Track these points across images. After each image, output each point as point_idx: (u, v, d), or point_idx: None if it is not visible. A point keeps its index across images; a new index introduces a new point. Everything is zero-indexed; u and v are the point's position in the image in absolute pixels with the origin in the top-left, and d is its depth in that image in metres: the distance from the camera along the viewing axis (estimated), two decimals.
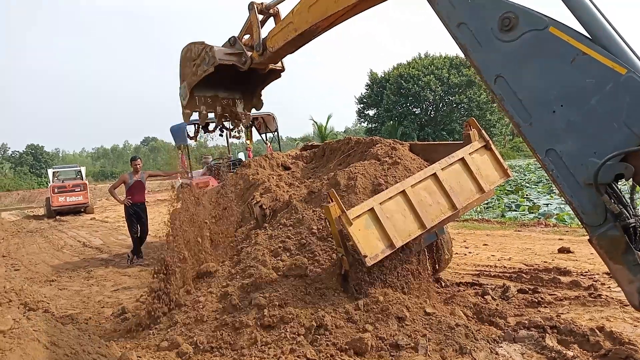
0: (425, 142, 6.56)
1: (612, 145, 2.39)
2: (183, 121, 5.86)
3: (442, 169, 4.99)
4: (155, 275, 5.29)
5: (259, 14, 4.98)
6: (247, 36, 5.09)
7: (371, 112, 55.18)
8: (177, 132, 10.99)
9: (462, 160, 5.15)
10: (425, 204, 4.77)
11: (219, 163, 11.92)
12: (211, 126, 11.95)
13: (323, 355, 3.85)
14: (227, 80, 5.57)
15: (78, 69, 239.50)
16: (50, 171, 25.59)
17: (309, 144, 8.91)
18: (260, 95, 6.01)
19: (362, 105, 55.28)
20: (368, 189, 5.30)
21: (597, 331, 4.12)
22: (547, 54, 2.62)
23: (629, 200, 2.54)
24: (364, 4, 3.78)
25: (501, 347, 4.05)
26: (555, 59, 2.59)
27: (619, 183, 2.58)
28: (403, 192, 4.66)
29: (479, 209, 14.58)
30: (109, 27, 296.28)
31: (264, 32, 4.90)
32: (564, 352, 3.87)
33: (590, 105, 2.47)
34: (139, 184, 10.08)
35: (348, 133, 75.53)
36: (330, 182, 5.60)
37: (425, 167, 5.28)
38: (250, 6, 5.00)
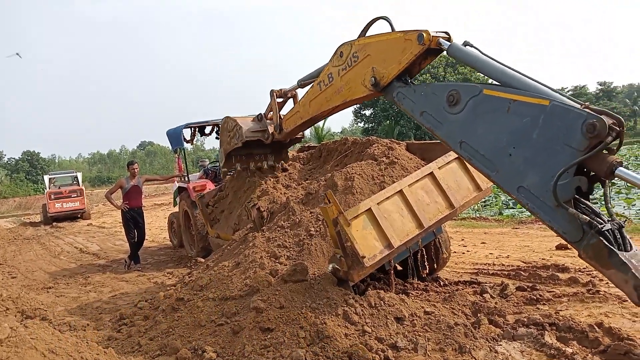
0: (422, 142, 6.57)
1: (562, 165, 2.70)
2: (220, 169, 7.56)
3: (439, 168, 5.00)
4: None
5: (278, 98, 6.12)
6: (271, 113, 6.29)
7: (368, 112, 55.15)
8: (173, 135, 10.96)
9: (459, 158, 5.15)
10: (423, 203, 4.77)
11: (216, 166, 11.88)
12: (207, 129, 11.99)
13: (322, 358, 3.83)
14: (257, 148, 6.89)
15: (73, 75, 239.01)
16: (46, 177, 25.48)
17: (306, 145, 8.91)
18: (287, 152, 7.43)
19: (358, 106, 55.25)
20: (365, 190, 5.30)
21: (595, 327, 4.12)
22: (488, 111, 3.14)
23: (606, 206, 2.80)
24: (350, 103, 4.62)
25: (500, 345, 4.04)
26: (496, 113, 3.10)
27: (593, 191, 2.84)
28: (400, 192, 4.65)
29: (476, 207, 14.62)
30: (104, 33, 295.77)
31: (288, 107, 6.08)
32: (563, 348, 3.87)
33: (534, 139, 2.88)
34: (136, 189, 10.04)
35: (345, 133, 75.59)
36: (327, 183, 5.59)
37: (422, 166, 5.28)
38: (271, 93, 6.14)
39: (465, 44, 3.38)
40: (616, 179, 2.68)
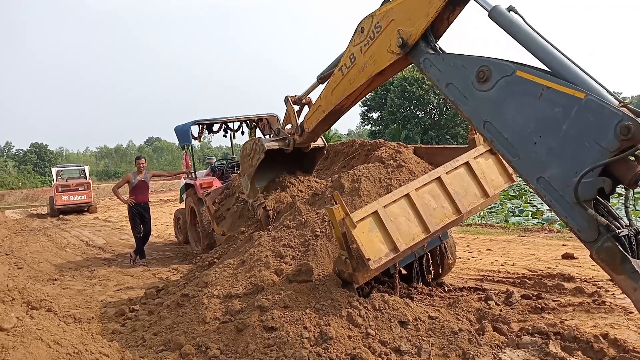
0: (430, 146, 6.57)
1: (589, 162, 2.61)
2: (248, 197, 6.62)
3: (446, 173, 4.98)
4: None
5: (293, 104, 5.98)
6: (288, 126, 6.10)
7: (375, 115, 55.14)
8: (182, 132, 11.00)
9: (467, 164, 5.14)
10: (430, 208, 4.76)
11: (223, 164, 11.92)
12: (215, 127, 12.02)
13: (325, 358, 3.83)
14: (282, 168, 6.56)
15: (82, 68, 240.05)
16: (54, 170, 25.61)
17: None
18: (313, 165, 6.84)
19: (365, 108, 55.20)
20: (372, 192, 5.30)
21: (601, 338, 4.10)
22: (519, 94, 2.99)
23: (626, 211, 2.69)
24: (374, 83, 4.45)
25: (504, 352, 4.03)
26: (526, 97, 2.95)
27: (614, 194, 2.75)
28: (407, 196, 4.64)
29: (482, 213, 14.57)
30: (112, 26, 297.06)
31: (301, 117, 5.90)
32: (568, 359, 3.86)
33: (563, 131, 2.76)
34: (142, 184, 10.10)
35: (351, 136, 75.58)
36: (334, 184, 5.60)
37: (430, 170, 5.28)
38: (286, 99, 6.00)
39: (510, 9, 3.12)
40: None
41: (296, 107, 6.01)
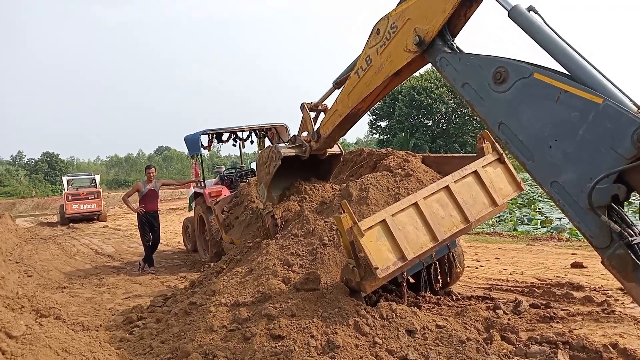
0: (438, 155, 6.55)
1: (604, 169, 2.58)
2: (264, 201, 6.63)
3: (455, 182, 4.97)
4: None
5: (310, 111, 6.01)
6: (305, 133, 6.10)
7: (383, 124, 55.27)
8: (191, 141, 11.09)
9: (475, 173, 5.13)
10: (438, 217, 4.75)
11: (232, 173, 11.98)
12: (225, 136, 12.08)
13: None
14: (299, 175, 6.56)
15: (93, 78, 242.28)
16: (64, 179, 25.87)
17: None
18: (330, 172, 6.81)
19: (374, 117, 55.35)
20: (380, 201, 5.30)
21: (610, 348, 4.05)
22: (535, 97, 2.97)
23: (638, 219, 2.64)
24: (391, 84, 4.47)
25: None
26: (543, 100, 2.92)
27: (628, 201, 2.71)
28: (415, 205, 4.63)
29: (490, 222, 14.51)
30: (123, 36, 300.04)
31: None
32: None
33: (580, 136, 2.73)
34: (152, 193, 10.17)
35: (360, 144, 75.60)
36: (342, 193, 5.60)
37: (438, 179, 5.27)
38: (302, 106, 6.05)
39: (530, 9, 3.07)
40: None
41: (312, 114, 6.01)
